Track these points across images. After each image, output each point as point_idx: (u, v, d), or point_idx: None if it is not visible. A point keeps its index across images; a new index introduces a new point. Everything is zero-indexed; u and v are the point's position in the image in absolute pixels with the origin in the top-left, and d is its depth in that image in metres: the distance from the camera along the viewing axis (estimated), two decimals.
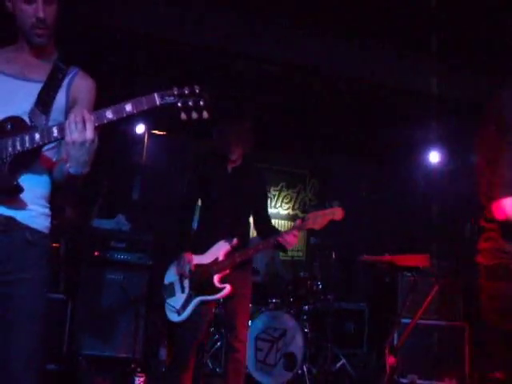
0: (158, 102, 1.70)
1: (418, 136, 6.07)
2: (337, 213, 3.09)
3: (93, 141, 1.67)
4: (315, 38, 4.99)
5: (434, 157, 6.41)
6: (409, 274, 4.85)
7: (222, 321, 4.86)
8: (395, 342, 4.04)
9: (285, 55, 5.02)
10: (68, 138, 1.66)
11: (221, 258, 3.16)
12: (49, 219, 1.91)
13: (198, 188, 3.38)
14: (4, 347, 1.75)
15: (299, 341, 4.58)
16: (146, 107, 1.70)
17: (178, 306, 3.19)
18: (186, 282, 3.22)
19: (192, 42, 4.84)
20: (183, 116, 1.73)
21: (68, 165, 1.71)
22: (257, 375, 4.47)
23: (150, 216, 6.28)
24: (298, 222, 3.17)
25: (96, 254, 4.86)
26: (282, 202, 7.12)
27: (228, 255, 3.16)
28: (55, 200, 1.99)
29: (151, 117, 6.06)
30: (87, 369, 4.48)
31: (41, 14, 1.81)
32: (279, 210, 7.14)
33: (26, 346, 1.75)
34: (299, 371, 4.60)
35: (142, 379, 4.23)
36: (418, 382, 4.52)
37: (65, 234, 4.65)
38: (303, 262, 6.81)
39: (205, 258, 3.20)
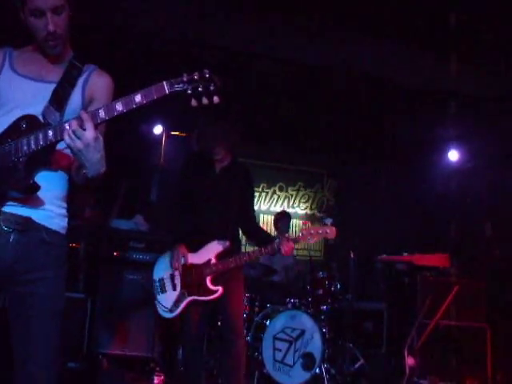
0: (167, 91, 1.67)
1: (437, 134, 6.01)
2: (330, 232, 3.18)
3: (96, 138, 1.65)
4: (336, 38, 4.97)
5: (453, 155, 6.34)
6: (428, 274, 4.80)
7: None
8: (415, 342, 4.00)
9: (305, 55, 5.00)
10: (73, 150, 1.66)
11: (213, 261, 3.19)
12: (65, 220, 1.92)
13: (187, 188, 3.39)
14: (23, 344, 1.78)
15: (318, 341, 4.56)
16: (155, 96, 1.67)
17: (169, 306, 3.23)
18: (178, 279, 3.23)
19: (213, 43, 4.86)
20: (194, 103, 1.69)
21: (84, 171, 1.71)
22: (275, 375, 4.47)
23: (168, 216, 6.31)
24: (298, 236, 3.26)
25: (115, 254, 4.90)
26: (300, 201, 7.11)
27: (220, 258, 3.19)
28: (75, 201, 2.01)
29: (169, 118, 6.11)
30: (107, 367, 4.52)
31: (51, 28, 1.78)
32: (297, 209, 7.13)
33: (45, 342, 1.78)
34: (318, 371, 4.58)
35: (160, 378, 4.26)
36: None
37: (84, 234, 4.70)
38: (321, 261, 6.79)
39: (196, 258, 3.22)
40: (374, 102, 5.70)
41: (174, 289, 3.23)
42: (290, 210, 6.90)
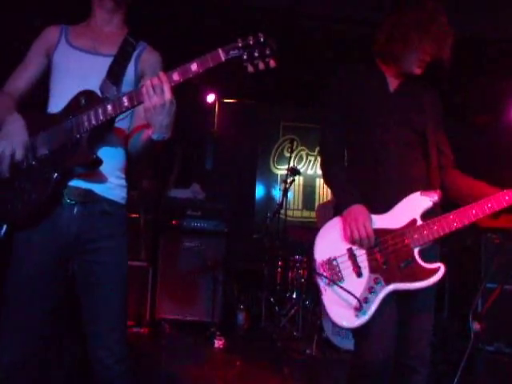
0: (223, 58, 1.64)
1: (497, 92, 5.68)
2: None
3: (172, 101, 1.67)
4: None
5: None
6: (494, 236, 4.62)
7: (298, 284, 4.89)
8: (479, 307, 3.88)
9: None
10: (148, 104, 1.66)
11: (420, 222, 2.00)
12: (125, 190, 1.95)
13: (344, 115, 2.15)
14: (91, 309, 1.85)
15: None
16: (211, 64, 1.64)
17: (354, 303, 1.95)
18: (363, 259, 1.99)
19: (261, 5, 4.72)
20: (250, 68, 1.66)
21: (151, 131, 1.72)
22: (334, 339, 4.46)
23: (223, 184, 6.36)
24: None
25: (173, 222, 5.00)
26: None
27: (430, 217, 2.01)
28: (132, 172, 2.03)
29: (220, 85, 6.07)
30: (169, 332, 4.67)
31: None
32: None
33: (112, 307, 1.85)
34: None
35: (221, 342, 4.35)
36: (506, 350, 4.34)
37: (143, 204, 4.80)
38: None
39: (389, 221, 2.02)
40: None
41: (360, 275, 1.98)
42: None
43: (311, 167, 6.90)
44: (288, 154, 5.84)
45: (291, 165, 5.40)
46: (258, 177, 6.82)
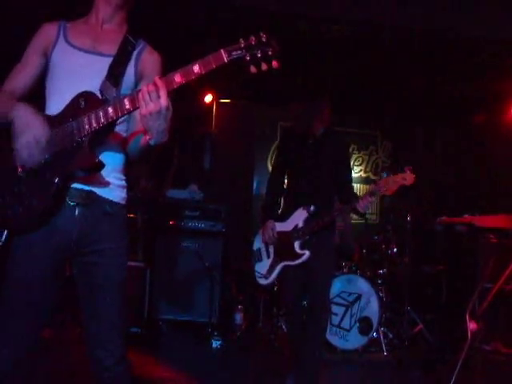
0: (225, 59, 1.62)
1: (497, 92, 5.69)
2: (408, 178, 3.07)
3: (168, 107, 1.64)
4: None
5: None
6: (491, 236, 4.63)
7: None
8: (477, 307, 3.89)
9: (355, 14, 4.78)
10: (144, 110, 1.65)
11: (300, 225, 3.29)
12: (125, 190, 1.95)
13: (283, 162, 3.53)
14: (91, 310, 1.85)
15: (374, 305, 4.53)
16: (214, 66, 1.62)
17: (264, 272, 3.42)
18: (271, 248, 3.42)
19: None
20: (252, 69, 1.64)
21: (148, 137, 1.70)
22: (332, 339, 4.48)
23: (221, 184, 6.36)
24: (371, 187, 3.27)
25: (171, 223, 5.00)
26: (354, 164, 6.97)
27: (307, 222, 3.28)
28: (130, 173, 2.03)
29: (218, 85, 6.07)
30: (167, 332, 4.67)
31: None
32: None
33: (112, 308, 1.84)
34: (375, 335, 4.56)
35: (218, 342, 4.36)
36: (503, 349, 4.35)
37: (141, 205, 4.80)
38: (377, 225, 6.68)
39: (286, 226, 3.35)
40: (430, 60, 5.42)
41: (268, 256, 3.43)
42: None
43: None
44: None
45: None
46: (255, 177, 6.82)
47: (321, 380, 3.27)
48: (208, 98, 6.39)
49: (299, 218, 3.30)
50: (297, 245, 3.28)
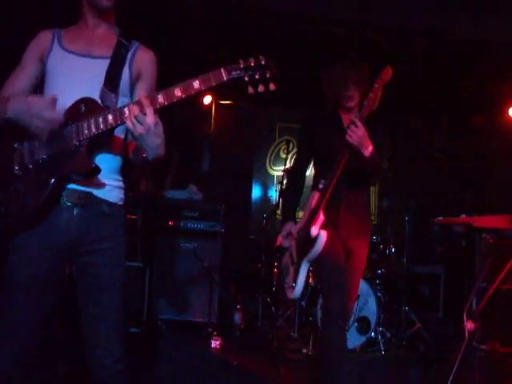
0: (225, 78, 1.69)
1: (498, 91, 5.71)
2: (384, 75, 2.68)
3: (156, 124, 1.69)
4: None
5: None
6: (488, 236, 4.64)
7: None
8: (474, 307, 3.91)
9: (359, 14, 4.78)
10: (134, 135, 1.70)
11: (312, 206, 2.76)
12: (123, 191, 1.97)
13: (308, 152, 3.00)
14: (90, 309, 1.86)
15: (373, 305, 4.55)
16: (213, 83, 1.69)
17: (289, 280, 2.82)
18: (294, 251, 2.85)
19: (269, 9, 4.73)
20: (250, 90, 1.71)
21: (144, 155, 1.77)
22: None
23: (220, 185, 6.39)
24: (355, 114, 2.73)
25: (170, 223, 5.02)
26: None
27: (318, 201, 2.73)
28: (130, 174, 2.05)
29: (217, 87, 6.09)
30: (166, 332, 4.69)
31: None
32: None
33: (111, 307, 1.86)
34: (373, 335, 4.58)
35: (217, 342, 4.38)
36: (500, 349, 4.36)
37: (140, 206, 4.82)
38: (375, 226, 6.70)
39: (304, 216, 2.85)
40: (432, 59, 5.43)
41: (292, 262, 2.83)
42: None
43: None
44: (284, 156, 5.87)
45: (287, 166, 5.42)
46: (254, 178, 6.84)
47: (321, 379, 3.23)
48: (207, 100, 6.41)
49: (312, 200, 2.77)
50: (313, 230, 2.69)
